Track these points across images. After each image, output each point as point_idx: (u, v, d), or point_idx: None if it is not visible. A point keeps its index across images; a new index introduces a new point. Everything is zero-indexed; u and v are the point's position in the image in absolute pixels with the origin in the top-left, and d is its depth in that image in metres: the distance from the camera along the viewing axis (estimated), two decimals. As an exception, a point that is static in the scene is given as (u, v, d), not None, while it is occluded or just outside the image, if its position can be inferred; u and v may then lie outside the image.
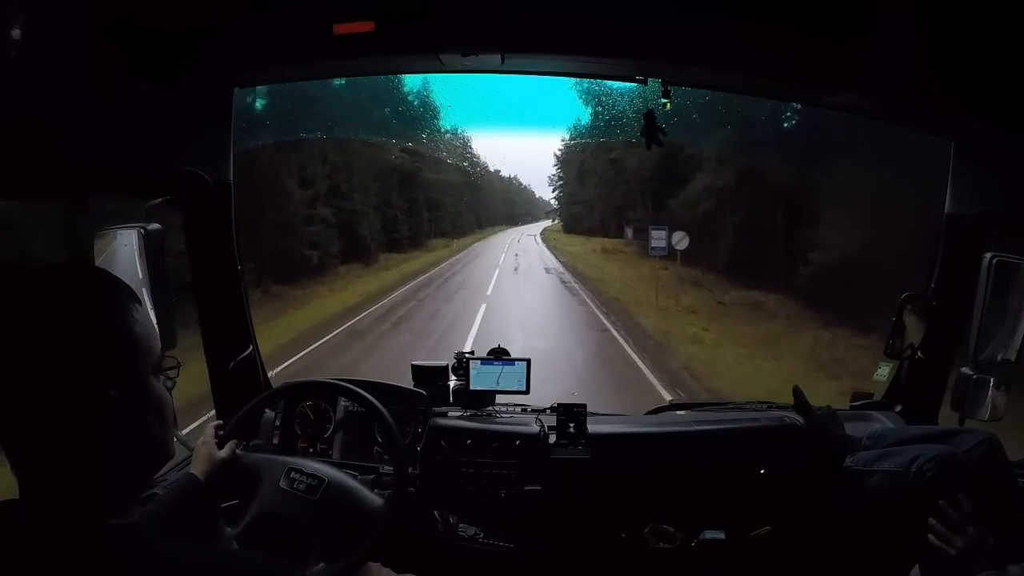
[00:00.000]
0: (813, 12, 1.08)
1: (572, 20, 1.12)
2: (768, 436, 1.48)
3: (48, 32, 0.91)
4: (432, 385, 1.61)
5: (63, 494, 0.53)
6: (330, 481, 1.19)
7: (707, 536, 1.39)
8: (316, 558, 1.11)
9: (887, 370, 1.75)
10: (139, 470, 0.59)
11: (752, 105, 4.73)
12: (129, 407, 0.54)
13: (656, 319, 10.84)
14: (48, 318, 0.52)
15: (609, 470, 1.42)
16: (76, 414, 0.52)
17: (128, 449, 0.55)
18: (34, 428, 0.52)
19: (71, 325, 0.52)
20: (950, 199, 1.53)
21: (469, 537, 1.38)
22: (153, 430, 0.57)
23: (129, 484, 0.57)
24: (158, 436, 0.58)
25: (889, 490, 1.24)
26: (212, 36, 1.11)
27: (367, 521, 1.15)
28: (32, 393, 0.51)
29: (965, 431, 1.33)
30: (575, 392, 5.61)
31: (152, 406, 0.57)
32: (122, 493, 0.56)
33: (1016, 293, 1.41)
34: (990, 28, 1.06)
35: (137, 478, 0.59)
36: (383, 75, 1.62)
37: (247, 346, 1.57)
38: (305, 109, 2.56)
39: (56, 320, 0.52)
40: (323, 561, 1.10)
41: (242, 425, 1.30)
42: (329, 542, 1.13)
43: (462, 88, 1.41)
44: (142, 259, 1.29)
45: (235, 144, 1.42)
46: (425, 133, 4.57)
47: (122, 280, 0.59)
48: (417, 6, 1.08)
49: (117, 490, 0.55)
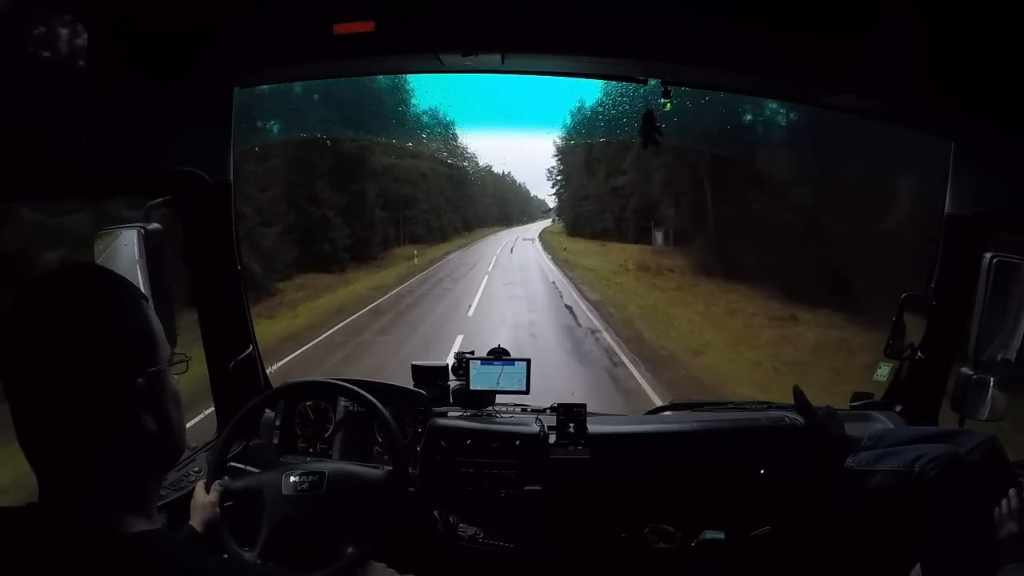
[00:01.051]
0: (813, 12, 1.08)
1: (572, 20, 1.12)
2: (768, 436, 1.47)
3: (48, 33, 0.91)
4: (432, 385, 1.61)
5: (87, 491, 0.54)
6: (330, 472, 1.21)
7: (707, 536, 1.39)
8: (342, 545, 1.14)
9: (887, 370, 1.75)
10: (160, 460, 0.61)
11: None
12: (151, 396, 0.57)
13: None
14: (72, 317, 0.54)
15: (609, 470, 1.42)
16: (104, 406, 0.54)
17: (151, 439, 0.57)
18: (61, 423, 0.53)
19: (94, 323, 0.55)
20: (950, 199, 1.53)
21: (469, 537, 1.38)
22: (172, 417, 0.60)
23: (146, 472, 0.59)
24: (176, 424, 0.61)
25: (891, 490, 1.23)
26: (212, 36, 1.11)
27: (376, 494, 1.20)
28: (60, 390, 0.53)
29: (965, 431, 1.33)
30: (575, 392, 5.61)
31: (171, 396, 0.60)
32: (139, 484, 0.57)
33: (1016, 293, 1.41)
34: (990, 28, 1.06)
35: (158, 469, 0.61)
36: (383, 75, 1.62)
37: (247, 346, 1.57)
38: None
39: (80, 318, 0.54)
40: (351, 545, 1.13)
41: (242, 425, 1.30)
42: (348, 526, 1.16)
43: (452, 82, 1.36)
44: (142, 259, 1.29)
45: (235, 144, 1.42)
46: (395, 118, 3.22)
47: (126, 279, 0.62)
48: (417, 6, 1.08)
49: (133, 479, 0.57)
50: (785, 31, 1.10)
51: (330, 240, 14.18)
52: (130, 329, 0.57)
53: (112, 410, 0.55)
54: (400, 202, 18.99)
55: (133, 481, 0.57)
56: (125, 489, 0.56)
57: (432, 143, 13.45)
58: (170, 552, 0.55)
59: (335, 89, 2.90)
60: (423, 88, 3.76)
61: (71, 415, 0.53)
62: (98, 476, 0.54)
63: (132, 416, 0.55)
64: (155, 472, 0.61)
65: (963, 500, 1.13)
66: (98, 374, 0.54)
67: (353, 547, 1.13)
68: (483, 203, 33.60)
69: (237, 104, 1.38)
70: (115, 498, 0.55)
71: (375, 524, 1.15)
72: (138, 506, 0.56)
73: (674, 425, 1.55)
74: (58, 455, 0.54)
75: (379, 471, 1.25)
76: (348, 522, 1.17)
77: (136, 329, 0.58)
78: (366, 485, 1.23)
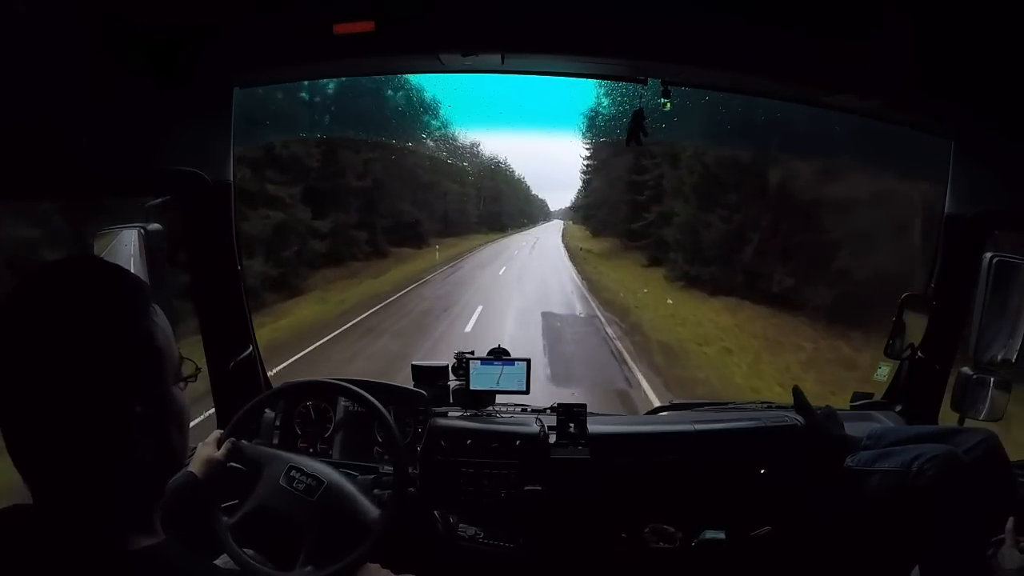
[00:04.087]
0: (813, 12, 1.08)
1: (572, 20, 1.12)
2: (768, 436, 1.47)
3: (48, 33, 0.91)
4: (432, 385, 1.61)
5: (82, 509, 0.51)
6: (329, 484, 1.19)
7: (707, 536, 1.39)
8: (305, 560, 1.11)
9: (887, 370, 1.75)
10: (155, 480, 0.57)
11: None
12: (151, 421, 0.53)
13: None
14: (66, 327, 0.48)
15: (609, 470, 1.42)
16: (99, 430, 0.50)
17: (147, 461, 0.54)
18: (53, 444, 0.49)
19: (91, 336, 0.49)
20: (950, 199, 1.53)
21: (469, 537, 1.38)
22: (173, 441, 0.56)
23: (146, 495, 0.56)
24: (177, 447, 0.57)
25: (889, 490, 1.24)
26: (212, 36, 1.11)
27: (361, 531, 1.14)
28: (53, 410, 0.48)
29: (965, 431, 1.33)
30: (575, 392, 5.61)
31: (173, 418, 0.56)
32: (141, 505, 0.55)
33: (1016, 293, 1.41)
34: (990, 28, 1.06)
35: (154, 488, 0.57)
36: (383, 75, 1.62)
37: (247, 346, 1.57)
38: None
39: (74, 330, 0.48)
40: (311, 564, 1.10)
41: (242, 425, 1.30)
42: (320, 546, 1.13)
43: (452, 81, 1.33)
44: (142, 259, 1.29)
45: (235, 144, 1.42)
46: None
47: (138, 278, 0.56)
48: (417, 6, 1.08)
49: (135, 502, 0.54)
50: (785, 31, 1.10)
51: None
52: (132, 350, 0.51)
53: (104, 436, 0.50)
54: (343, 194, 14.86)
55: (136, 495, 0.54)
56: (128, 504, 0.53)
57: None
58: (176, 565, 0.53)
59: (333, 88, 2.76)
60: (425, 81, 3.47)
61: (60, 436, 0.49)
62: (101, 488, 0.51)
63: (126, 442, 0.51)
64: (158, 485, 0.57)
65: (960, 500, 1.13)
66: (88, 399, 0.49)
67: (312, 567, 1.09)
68: (467, 200, 25.18)
69: (237, 104, 1.38)
70: (118, 513, 0.52)
71: (342, 559, 1.09)
72: (141, 521, 0.54)
73: (674, 425, 1.55)
74: (50, 471, 0.50)
75: (376, 510, 1.18)
76: (322, 541, 1.13)
77: (139, 349, 0.51)
78: (356, 517, 1.17)
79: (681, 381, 6.91)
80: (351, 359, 7.37)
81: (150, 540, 0.54)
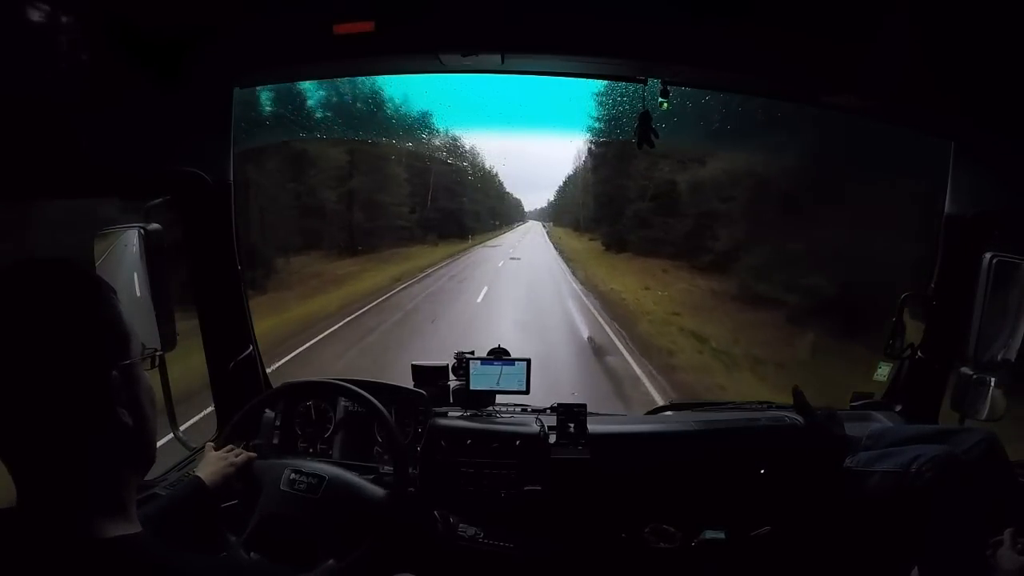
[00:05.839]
0: (813, 12, 1.08)
1: (572, 20, 1.12)
2: (768, 436, 1.48)
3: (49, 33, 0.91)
4: (432, 385, 1.61)
5: (66, 493, 0.53)
6: (330, 478, 1.20)
7: (707, 536, 1.39)
8: (325, 555, 1.12)
9: (887, 370, 1.75)
10: (136, 460, 0.59)
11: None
12: (127, 390, 0.56)
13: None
14: (40, 310, 0.53)
15: (609, 470, 1.42)
16: (79, 400, 0.53)
17: (127, 435, 0.56)
18: (35, 421, 0.52)
19: (63, 315, 0.53)
20: (950, 199, 1.53)
21: (469, 537, 1.38)
22: (148, 414, 0.59)
23: (128, 477, 0.58)
24: (151, 422, 0.60)
25: (888, 491, 1.24)
26: (212, 37, 1.11)
27: (371, 512, 1.17)
28: (34, 387, 0.51)
29: (964, 430, 1.33)
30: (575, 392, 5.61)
31: (144, 391, 0.59)
32: (115, 491, 0.56)
33: (1016, 293, 1.41)
34: (990, 28, 1.06)
35: (134, 470, 0.60)
36: (383, 75, 1.62)
37: (247, 346, 1.57)
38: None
39: (48, 312, 0.53)
40: (332, 557, 1.11)
41: (242, 426, 1.30)
42: (335, 539, 1.14)
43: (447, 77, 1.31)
44: (142, 259, 1.29)
45: (235, 144, 1.42)
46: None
47: (99, 275, 0.61)
48: (417, 6, 1.08)
49: (109, 486, 0.55)
50: (784, 31, 1.10)
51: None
52: (101, 322, 0.56)
53: (88, 405, 0.53)
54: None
55: (111, 484, 0.55)
56: (103, 492, 0.55)
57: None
58: (153, 555, 0.54)
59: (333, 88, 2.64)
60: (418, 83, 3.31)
61: (45, 412, 0.52)
62: (76, 476, 0.53)
63: (108, 411, 0.54)
64: (132, 474, 0.59)
65: (959, 501, 1.13)
66: (71, 368, 0.53)
67: (334, 560, 1.10)
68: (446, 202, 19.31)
69: (237, 104, 1.38)
70: (93, 501, 0.54)
71: (362, 542, 1.12)
72: (116, 509, 0.55)
73: (674, 425, 1.55)
74: (33, 455, 0.53)
75: (381, 490, 1.21)
76: (336, 533, 1.14)
77: (107, 322, 0.56)
78: (363, 501, 1.19)
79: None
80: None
81: (125, 529, 0.54)
